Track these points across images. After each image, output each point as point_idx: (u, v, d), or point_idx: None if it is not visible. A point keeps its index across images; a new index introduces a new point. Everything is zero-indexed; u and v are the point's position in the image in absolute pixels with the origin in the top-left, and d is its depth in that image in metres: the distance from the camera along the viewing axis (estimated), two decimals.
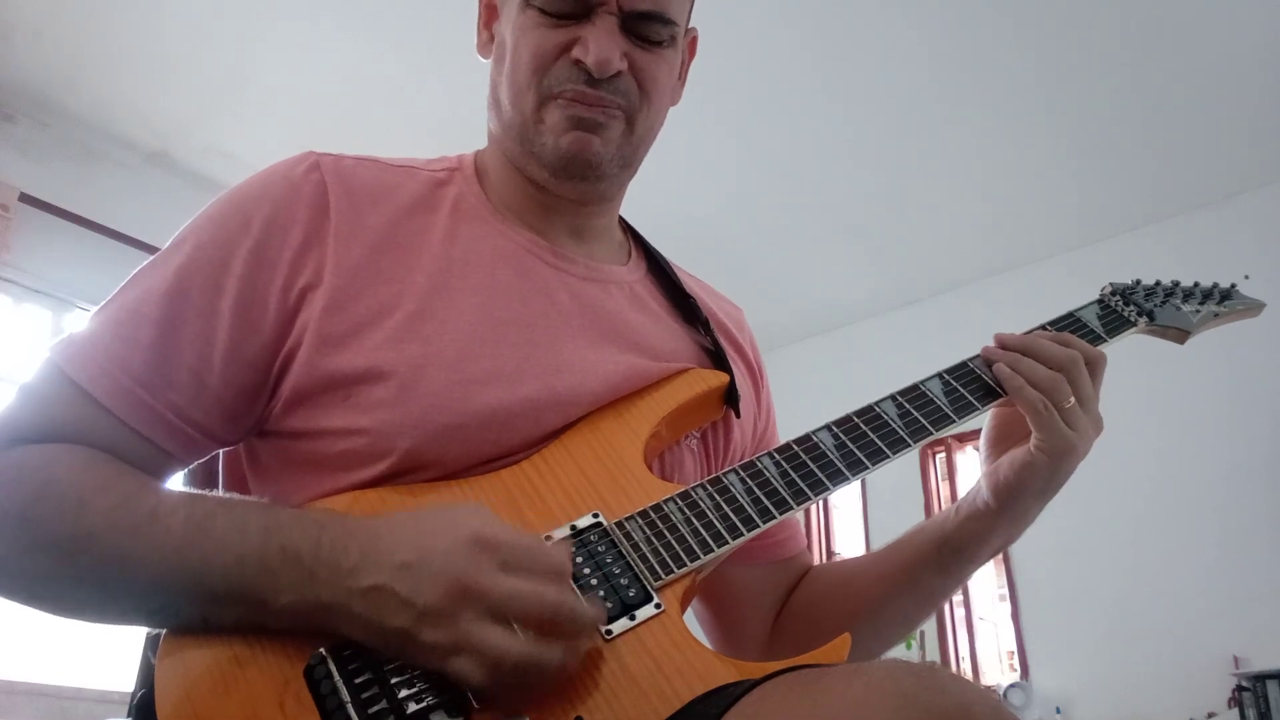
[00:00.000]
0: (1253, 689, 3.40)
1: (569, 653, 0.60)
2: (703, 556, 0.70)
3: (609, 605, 0.65)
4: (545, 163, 0.82)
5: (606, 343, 0.82)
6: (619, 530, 0.70)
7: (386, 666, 0.60)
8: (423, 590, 0.58)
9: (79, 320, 0.75)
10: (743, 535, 0.72)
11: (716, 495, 0.75)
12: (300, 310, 0.73)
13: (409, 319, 0.74)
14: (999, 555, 1.04)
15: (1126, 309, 0.95)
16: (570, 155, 0.80)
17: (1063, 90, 3.62)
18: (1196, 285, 1.01)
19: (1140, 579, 3.90)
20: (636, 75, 0.80)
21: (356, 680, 0.59)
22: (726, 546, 0.72)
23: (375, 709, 0.58)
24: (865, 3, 3.25)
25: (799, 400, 2.19)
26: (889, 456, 0.79)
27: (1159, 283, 0.99)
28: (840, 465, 0.78)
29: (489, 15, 0.88)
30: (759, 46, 3.43)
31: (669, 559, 0.69)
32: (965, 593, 4.42)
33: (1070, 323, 0.92)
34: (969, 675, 4.27)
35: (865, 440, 0.80)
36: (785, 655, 0.66)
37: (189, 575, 0.61)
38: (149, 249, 2.87)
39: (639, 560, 0.69)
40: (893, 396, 0.84)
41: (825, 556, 4.96)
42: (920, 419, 0.82)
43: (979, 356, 0.87)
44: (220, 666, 0.60)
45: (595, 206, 0.89)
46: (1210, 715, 3.54)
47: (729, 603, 0.93)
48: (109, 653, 3.19)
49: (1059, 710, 3.96)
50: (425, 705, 0.58)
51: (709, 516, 0.73)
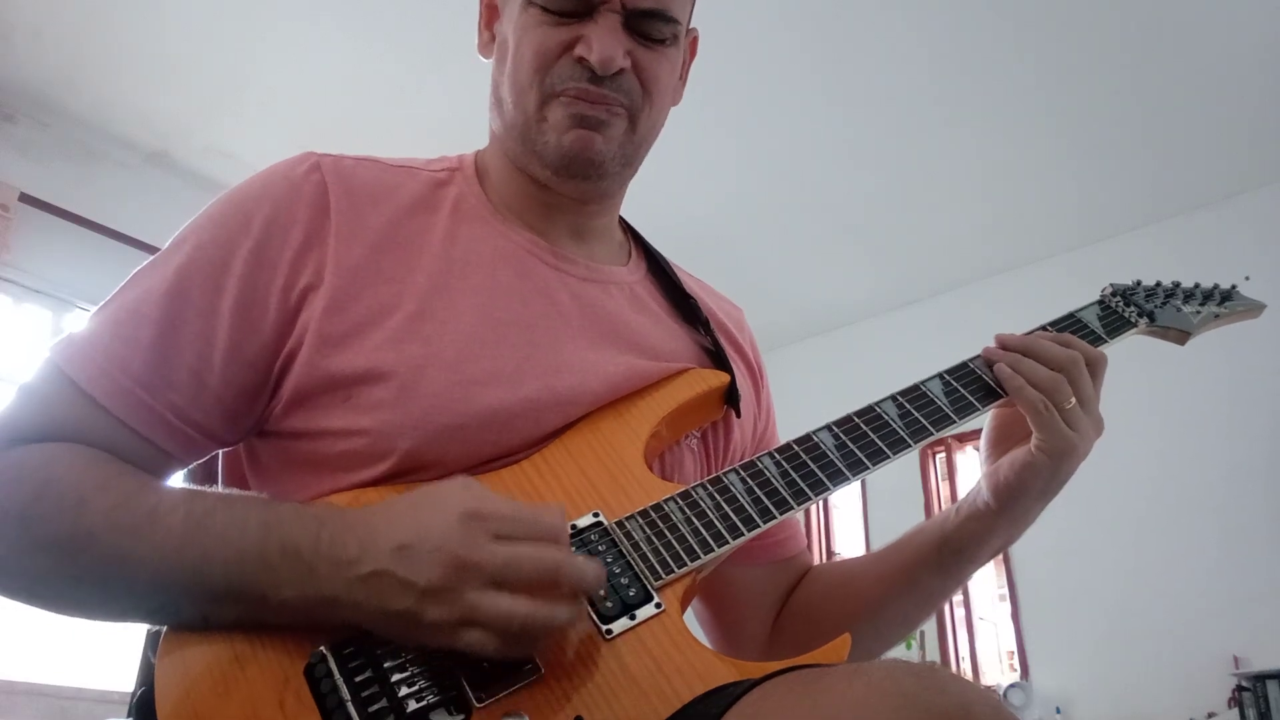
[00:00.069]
0: (1253, 689, 3.40)
1: (576, 609, 0.61)
2: (703, 556, 0.70)
3: (609, 605, 0.65)
4: (548, 161, 0.82)
5: (607, 343, 0.82)
6: (619, 530, 0.70)
7: (387, 664, 0.60)
8: (422, 570, 0.58)
9: (79, 320, 0.74)
10: (743, 535, 0.72)
11: (717, 495, 0.75)
12: (301, 310, 0.73)
13: (409, 319, 0.74)
14: (999, 555, 1.04)
15: (1127, 310, 0.95)
16: (573, 153, 0.80)
17: (1062, 91, 3.62)
18: (1197, 286, 1.01)
19: (1140, 579, 3.90)
20: (639, 73, 0.80)
21: (357, 679, 0.59)
22: (727, 546, 0.72)
23: (375, 707, 0.58)
24: (865, 4, 3.25)
25: (799, 400, 2.19)
26: (889, 457, 0.79)
27: (1159, 284, 0.99)
28: (841, 465, 0.78)
29: (490, 15, 0.88)
30: (759, 47, 3.43)
31: (669, 558, 0.70)
32: (965, 593, 4.42)
33: (1071, 323, 0.92)
34: (969, 675, 4.27)
35: (866, 440, 0.80)
36: (785, 655, 0.66)
37: (189, 573, 0.61)
38: (149, 249, 2.87)
39: (639, 560, 0.69)
40: (893, 397, 0.84)
41: (825, 556, 4.96)
42: (921, 419, 0.82)
43: (979, 357, 0.87)
44: (220, 665, 0.60)
45: (596, 206, 0.89)
46: (1210, 715, 3.54)
47: (729, 603, 0.93)
48: (109, 653, 3.19)
49: (1059, 710, 3.96)
50: (425, 704, 0.58)
51: (709, 516, 0.73)
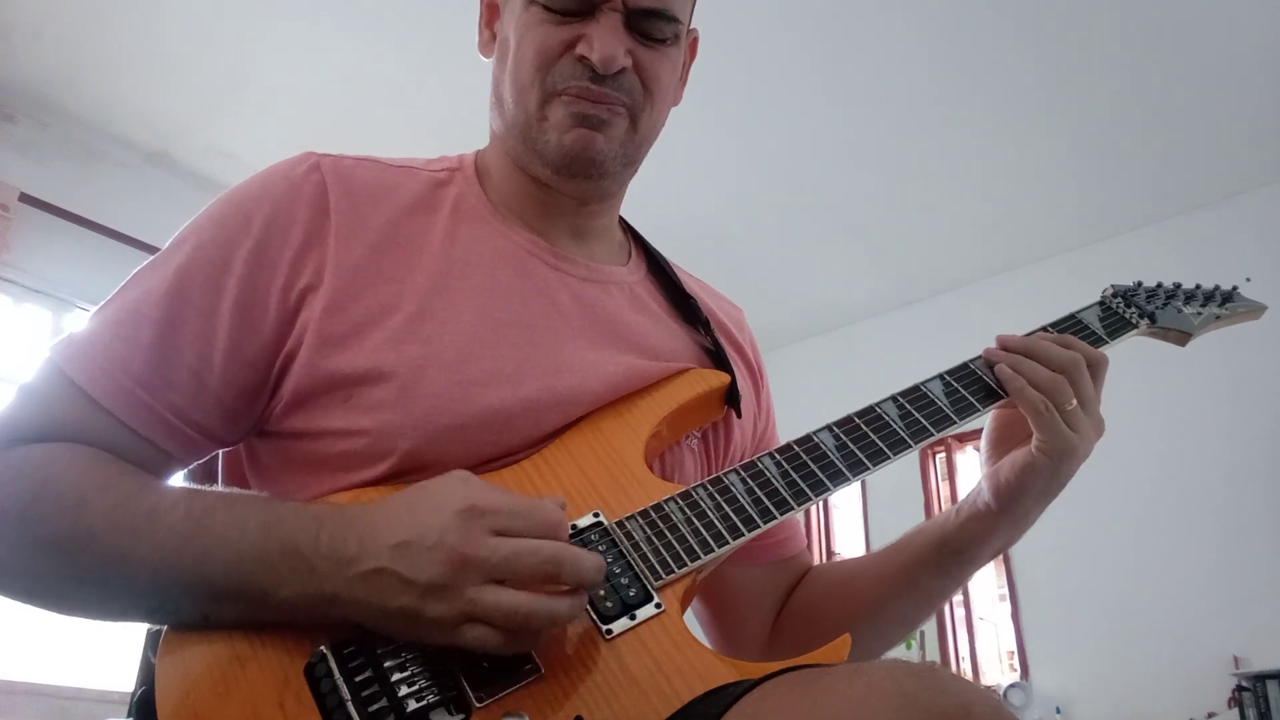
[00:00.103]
0: (1253, 689, 3.40)
1: (577, 602, 0.61)
2: (703, 556, 0.70)
3: (609, 604, 0.65)
4: (549, 160, 0.81)
5: (607, 343, 0.82)
6: (619, 530, 0.70)
7: (387, 664, 0.60)
8: (421, 567, 0.58)
9: (79, 320, 0.74)
10: (743, 535, 0.72)
11: (717, 495, 0.75)
12: (300, 310, 0.73)
13: (409, 320, 0.74)
14: (999, 556, 1.04)
15: (1128, 311, 0.95)
16: (574, 152, 0.80)
17: (1062, 91, 3.62)
18: (1198, 287, 1.01)
19: (1140, 579, 3.90)
20: (640, 73, 0.80)
21: (357, 678, 0.59)
22: (727, 546, 0.72)
23: (375, 707, 0.58)
24: (865, 4, 3.25)
25: (799, 400, 2.19)
26: (890, 457, 0.79)
27: (1160, 285, 0.99)
28: (841, 466, 0.78)
29: (490, 14, 0.88)
30: (759, 48, 3.43)
31: (669, 559, 0.70)
32: (965, 593, 4.42)
33: (1071, 324, 0.92)
34: (969, 675, 4.27)
35: (866, 441, 0.80)
36: (785, 655, 0.66)
37: (189, 572, 0.61)
38: (149, 249, 2.87)
39: (639, 560, 0.69)
40: (894, 397, 0.84)
41: (825, 556, 4.96)
42: (921, 420, 0.82)
43: (980, 358, 0.87)
44: (220, 665, 0.60)
45: (596, 205, 0.89)
46: (1210, 715, 3.54)
47: (729, 603, 0.93)
48: (109, 653, 3.19)
49: (1059, 710, 3.96)
50: (425, 703, 0.58)
51: (709, 516, 0.73)
